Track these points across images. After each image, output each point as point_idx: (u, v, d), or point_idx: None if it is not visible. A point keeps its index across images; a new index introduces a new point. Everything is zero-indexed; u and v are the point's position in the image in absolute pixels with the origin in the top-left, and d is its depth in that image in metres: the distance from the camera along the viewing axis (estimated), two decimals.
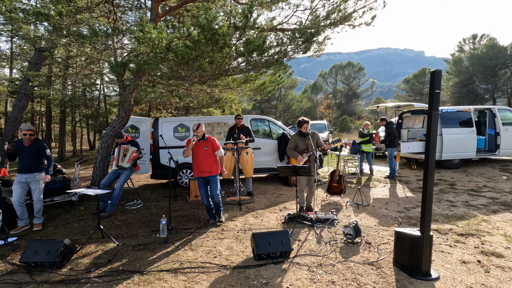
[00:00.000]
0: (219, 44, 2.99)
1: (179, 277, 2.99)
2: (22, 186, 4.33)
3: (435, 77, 2.68)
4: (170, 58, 3.02)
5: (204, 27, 2.83)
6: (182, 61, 3.02)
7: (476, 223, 4.25)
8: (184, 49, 2.89)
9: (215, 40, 2.88)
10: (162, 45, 2.94)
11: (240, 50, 3.32)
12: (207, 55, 3.10)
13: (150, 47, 2.92)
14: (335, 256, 3.33)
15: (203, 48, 2.98)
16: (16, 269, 3.25)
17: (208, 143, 4.46)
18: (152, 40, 2.82)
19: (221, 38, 2.86)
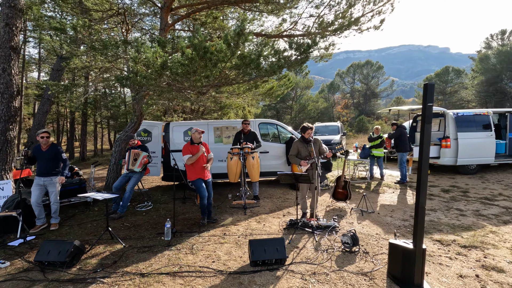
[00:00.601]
0: (212, 61, 3.12)
1: (177, 280, 3.14)
2: (40, 188, 4.67)
3: (428, 91, 2.66)
4: (166, 74, 3.19)
5: (196, 46, 2.96)
6: (178, 77, 3.17)
7: (483, 234, 4.12)
8: (179, 66, 3.04)
9: (208, 57, 3.01)
10: (157, 63, 3.11)
11: (236, 64, 3.43)
12: (202, 71, 3.24)
13: (146, 66, 3.10)
14: (330, 265, 3.36)
15: (197, 64, 3.12)
16: (31, 267, 3.52)
17: (206, 147, 4.70)
18: (147, 59, 3.00)
19: (214, 55, 2.99)
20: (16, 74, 5.86)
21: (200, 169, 4.78)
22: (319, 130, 14.76)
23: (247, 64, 3.38)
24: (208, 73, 3.33)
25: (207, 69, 3.20)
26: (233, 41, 3.09)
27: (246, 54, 3.37)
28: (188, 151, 4.71)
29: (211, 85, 3.89)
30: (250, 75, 3.90)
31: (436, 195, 6.34)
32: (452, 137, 8.08)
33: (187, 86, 3.77)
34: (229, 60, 3.25)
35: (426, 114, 2.69)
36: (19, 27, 5.75)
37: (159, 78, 3.31)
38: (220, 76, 3.58)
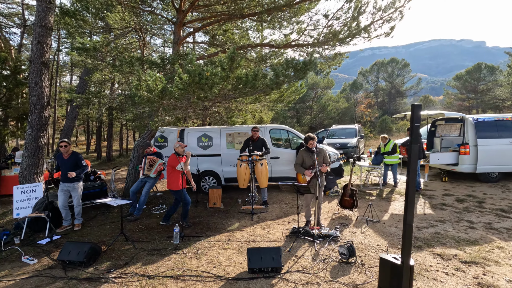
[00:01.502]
0: (208, 84, 3.35)
1: (179, 283, 3.42)
2: (65, 193, 5.16)
3: (415, 111, 2.71)
4: (166, 98, 3.46)
5: (190, 73, 3.20)
6: (177, 100, 3.43)
7: (488, 249, 4.04)
8: (177, 91, 3.30)
9: (203, 82, 3.23)
10: (157, 89, 3.38)
11: (232, 85, 3.63)
12: (200, 92, 3.47)
13: (148, 91, 3.38)
14: (324, 275, 3.49)
15: (194, 88, 3.36)
16: (55, 264, 3.96)
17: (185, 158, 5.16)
18: (148, 86, 3.28)
19: (210, 79, 3.20)
20: (47, 87, 6.45)
21: (179, 180, 5.20)
22: (336, 132, 14.64)
23: (243, 85, 3.57)
24: (207, 95, 3.57)
25: (203, 92, 3.44)
26: (226, 66, 3.30)
27: (242, 76, 3.57)
28: (177, 162, 5.13)
29: (212, 103, 4.14)
30: (247, 94, 4.09)
31: (449, 204, 6.18)
32: (471, 143, 7.78)
33: (188, 105, 4.04)
34: (224, 83, 3.46)
35: (413, 134, 2.74)
36: (49, 44, 6.32)
37: (161, 100, 3.60)
38: (219, 95, 3.81)
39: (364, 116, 42.99)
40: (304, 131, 30.39)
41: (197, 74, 3.17)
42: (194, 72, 3.21)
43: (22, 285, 3.49)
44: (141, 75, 3.35)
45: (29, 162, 6.30)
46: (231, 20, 5.50)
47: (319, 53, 5.79)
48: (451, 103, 40.82)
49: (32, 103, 6.30)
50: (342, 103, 34.31)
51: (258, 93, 4.47)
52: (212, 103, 4.26)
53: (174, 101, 3.77)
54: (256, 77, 3.66)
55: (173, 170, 5.18)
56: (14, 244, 4.66)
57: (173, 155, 5.21)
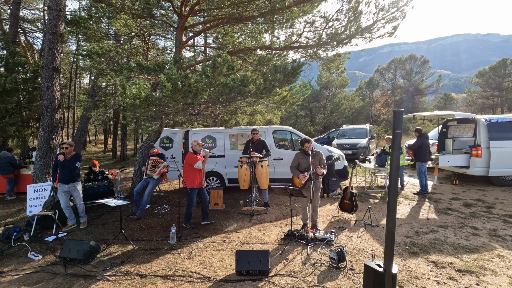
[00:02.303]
0: (192, 92, 3.42)
1: (168, 283, 3.53)
2: (66, 194, 5.39)
3: (396, 117, 2.67)
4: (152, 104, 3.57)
5: (172, 81, 3.28)
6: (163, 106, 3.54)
7: (487, 258, 3.89)
8: (160, 99, 3.40)
9: (186, 90, 3.31)
10: (142, 97, 3.49)
11: (218, 91, 3.68)
12: (185, 100, 3.55)
13: (133, 99, 3.51)
14: (311, 280, 3.49)
15: (176, 96, 3.44)
16: (57, 261, 4.18)
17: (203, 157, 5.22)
18: (133, 94, 3.40)
19: (194, 87, 3.27)
20: (58, 91, 6.77)
21: (200, 178, 5.34)
22: (346, 133, 14.42)
23: (229, 91, 3.61)
24: (193, 101, 3.65)
25: (189, 98, 3.52)
26: (210, 73, 3.35)
27: (227, 82, 3.61)
28: (196, 159, 5.24)
29: (203, 107, 4.23)
30: (235, 99, 4.13)
31: (455, 209, 5.98)
32: (483, 145, 7.46)
33: (175, 111, 4.15)
34: (209, 89, 3.51)
35: (395, 141, 2.70)
36: (60, 50, 6.63)
37: (148, 107, 3.72)
38: (207, 101, 3.87)
39: (381, 115, 41.96)
40: (318, 130, 30.06)
41: (179, 82, 3.25)
42: (175, 80, 3.29)
43: (25, 280, 3.72)
44: (125, 83, 3.48)
45: (42, 162, 6.64)
46: (230, 24, 5.56)
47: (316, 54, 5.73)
48: (474, 101, 39.12)
49: (44, 106, 6.64)
50: (356, 102, 33.66)
51: (249, 97, 4.51)
52: (204, 107, 4.34)
53: (162, 108, 3.89)
54: (243, 83, 3.69)
55: (190, 168, 5.27)
56: (23, 240, 4.95)
57: (190, 153, 5.31)
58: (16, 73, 10.46)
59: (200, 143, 5.23)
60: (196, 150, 5.34)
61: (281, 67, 3.87)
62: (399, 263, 3.82)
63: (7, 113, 10.27)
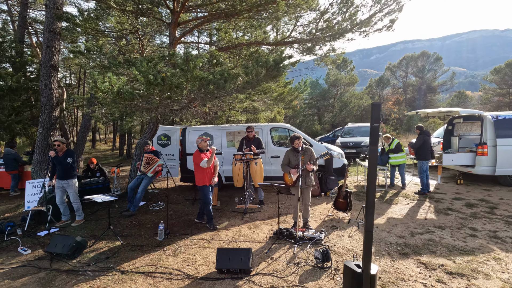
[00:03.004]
0: (166, 85, 3.35)
1: (148, 280, 3.50)
2: (61, 190, 5.45)
3: (374, 110, 2.53)
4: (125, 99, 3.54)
5: (143, 74, 3.22)
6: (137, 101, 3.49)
7: (482, 261, 3.69)
8: (131, 92, 3.35)
9: (159, 83, 3.25)
10: (114, 91, 3.46)
11: (195, 85, 3.60)
12: (161, 94, 3.49)
13: (104, 93, 3.48)
14: (292, 279, 3.39)
15: (151, 90, 3.38)
16: (45, 256, 4.22)
17: (210, 154, 5.02)
18: (105, 88, 3.37)
19: (168, 79, 3.21)
20: (56, 88, 6.86)
21: (209, 175, 5.09)
22: (351, 131, 14.14)
23: (207, 85, 3.53)
24: (170, 95, 3.59)
25: (163, 92, 3.46)
26: (183, 66, 3.28)
27: (204, 75, 3.52)
28: (202, 157, 4.96)
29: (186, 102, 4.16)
30: (217, 94, 4.03)
31: (455, 209, 5.73)
32: (490, 143, 7.15)
33: (155, 106, 4.10)
34: (185, 83, 3.44)
35: (373, 135, 2.56)
36: (57, 48, 6.72)
37: (122, 101, 3.69)
38: (188, 96, 3.80)
39: (392, 114, 41.11)
40: (325, 129, 29.68)
41: (150, 76, 3.19)
42: (145, 73, 3.24)
43: (10, 273, 3.76)
44: (96, 77, 3.46)
45: (40, 158, 6.75)
46: (222, 19, 5.49)
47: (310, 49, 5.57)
48: (489, 98, 37.77)
49: (42, 104, 6.75)
50: (366, 100, 33.04)
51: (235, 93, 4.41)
52: (188, 102, 4.27)
53: (139, 102, 3.85)
54: (222, 77, 3.59)
55: (197, 167, 5.03)
56: (17, 235, 5.03)
57: (196, 152, 5.04)
58: (22, 72, 10.68)
59: (205, 138, 4.95)
60: (201, 147, 5.03)
61: (262, 60, 3.77)
62: (387, 264, 3.67)
63: (14, 111, 10.52)
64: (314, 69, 24.64)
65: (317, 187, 7.26)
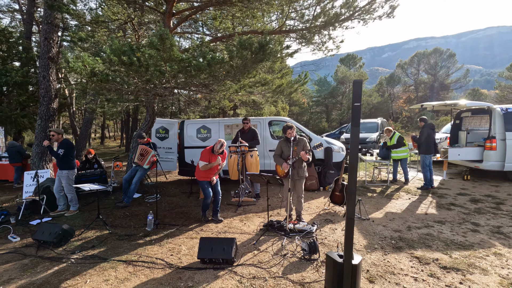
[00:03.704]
0: (143, 66, 3.25)
1: (128, 268, 3.42)
2: (59, 179, 5.47)
3: (355, 88, 2.37)
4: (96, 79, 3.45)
5: (115, 52, 3.13)
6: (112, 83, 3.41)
7: (481, 255, 3.45)
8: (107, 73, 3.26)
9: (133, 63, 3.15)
10: (87, 71, 3.37)
11: (174, 67, 3.48)
12: (137, 75, 3.38)
13: (77, 74, 3.42)
14: (276, 271, 3.25)
15: (126, 70, 3.29)
16: (33, 243, 4.21)
17: (223, 158, 4.86)
18: (77, 68, 3.28)
19: (143, 61, 3.10)
20: (54, 80, 6.90)
21: (210, 174, 4.91)
22: None
23: (186, 67, 3.41)
24: (148, 78, 3.48)
25: (139, 74, 3.35)
26: (159, 46, 3.17)
27: (184, 58, 3.40)
28: (207, 158, 4.78)
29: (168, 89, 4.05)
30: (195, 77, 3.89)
31: (458, 205, 5.46)
32: (499, 137, 6.80)
33: (134, 90, 4.01)
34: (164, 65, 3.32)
35: (354, 114, 2.40)
36: (56, 40, 6.75)
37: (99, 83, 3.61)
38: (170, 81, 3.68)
39: (403, 112, 40.20)
40: (332, 127, 29.25)
41: (124, 57, 3.09)
42: (116, 51, 3.14)
43: None
44: (67, 57, 3.39)
45: (38, 150, 6.82)
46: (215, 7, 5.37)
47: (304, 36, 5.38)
48: (505, 96, 36.43)
49: (40, 95, 6.80)
50: (375, 98, 32.44)
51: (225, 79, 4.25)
52: (172, 88, 4.16)
53: (117, 85, 3.76)
54: (205, 59, 3.45)
55: None
56: (10, 223, 5.06)
57: (207, 149, 4.86)
58: (28, 67, 10.86)
59: (224, 144, 4.73)
60: (216, 149, 4.79)
61: (246, 42, 3.61)
62: (378, 258, 3.48)
63: (19, 106, 10.70)
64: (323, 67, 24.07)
65: (315, 181, 7.08)
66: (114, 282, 3.12)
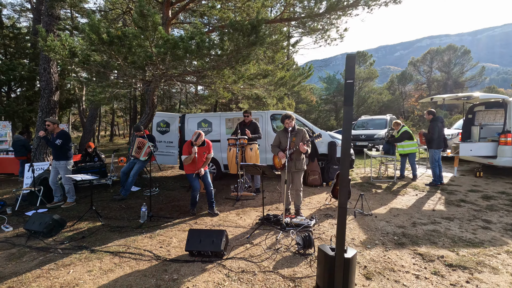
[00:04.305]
0: (124, 46, 3.10)
1: (114, 259, 3.30)
2: (54, 170, 5.41)
3: (348, 64, 2.15)
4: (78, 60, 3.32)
5: (93, 29, 2.98)
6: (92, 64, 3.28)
7: (492, 254, 3.17)
8: (87, 53, 3.13)
9: (115, 42, 3.00)
10: (65, 52, 3.24)
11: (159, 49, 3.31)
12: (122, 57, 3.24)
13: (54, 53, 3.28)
14: (267, 265, 3.06)
15: (105, 49, 3.14)
16: (24, 233, 4.15)
17: (206, 148, 4.72)
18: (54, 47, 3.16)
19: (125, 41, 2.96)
20: (55, 73, 6.88)
21: (195, 167, 4.80)
22: (365, 124, 13.46)
23: (172, 48, 3.22)
24: (134, 59, 3.33)
25: (121, 54, 3.20)
26: (141, 23, 3.01)
27: (169, 37, 3.23)
28: (187, 151, 4.71)
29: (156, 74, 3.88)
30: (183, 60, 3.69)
31: (469, 201, 5.13)
32: None
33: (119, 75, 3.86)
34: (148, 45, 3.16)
35: (346, 92, 2.18)
36: (56, 33, 6.72)
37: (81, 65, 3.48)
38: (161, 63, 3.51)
39: (415, 111, 39.21)
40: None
41: (104, 35, 2.93)
42: (94, 27, 2.98)
43: None
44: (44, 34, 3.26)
45: (39, 142, 6.82)
46: None
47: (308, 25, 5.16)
48: None
49: (41, 88, 6.80)
50: (385, 95, 31.73)
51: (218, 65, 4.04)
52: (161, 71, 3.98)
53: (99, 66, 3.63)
54: (193, 40, 3.27)
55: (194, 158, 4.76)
56: (6, 213, 5.03)
57: (187, 142, 4.78)
58: (35, 62, 10.97)
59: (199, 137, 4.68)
60: (193, 141, 4.69)
61: (237, 24, 3.40)
62: (378, 254, 3.25)
63: (26, 100, 10.83)
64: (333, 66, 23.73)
65: (318, 176, 6.85)
66: (97, 273, 3.00)
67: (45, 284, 2.81)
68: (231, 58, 3.79)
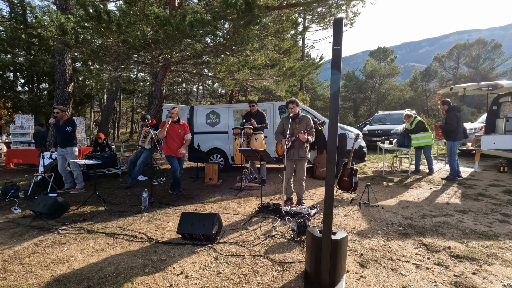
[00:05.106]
0: (114, 23, 3.05)
1: (108, 240, 3.31)
2: (62, 157, 5.56)
3: (335, 28, 1.99)
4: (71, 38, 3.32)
5: (81, 4, 2.96)
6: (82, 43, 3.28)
7: (506, 247, 2.88)
8: (79, 30, 3.12)
9: (104, 19, 2.96)
10: (54, 29, 3.25)
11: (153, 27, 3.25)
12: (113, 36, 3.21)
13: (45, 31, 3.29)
14: (258, 250, 2.95)
15: (95, 26, 3.11)
16: (31, 214, 4.28)
17: (181, 127, 4.82)
18: (43, 23, 3.18)
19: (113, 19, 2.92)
20: (69, 65, 7.10)
21: (171, 145, 5.20)
22: (383, 119, 12.95)
23: (163, 26, 3.15)
24: (125, 38, 3.29)
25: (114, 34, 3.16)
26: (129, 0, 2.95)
27: (160, 13, 3.14)
28: (162, 126, 5.17)
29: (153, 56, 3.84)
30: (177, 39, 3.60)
31: (489, 195, 4.75)
32: None
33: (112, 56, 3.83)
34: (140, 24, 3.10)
35: (334, 61, 2.03)
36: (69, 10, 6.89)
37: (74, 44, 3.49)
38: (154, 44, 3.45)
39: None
40: (359, 123, 27.97)
41: (92, 10, 2.89)
42: (80, 1, 2.95)
43: None
44: (33, 8, 3.31)
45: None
46: None
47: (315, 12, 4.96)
48: None
49: (56, 79, 7.03)
50: (407, 92, 30.44)
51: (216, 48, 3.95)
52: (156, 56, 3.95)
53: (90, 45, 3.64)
54: (185, 19, 3.17)
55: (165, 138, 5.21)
56: (18, 197, 5.24)
57: (163, 121, 5.25)
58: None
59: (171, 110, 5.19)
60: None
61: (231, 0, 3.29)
62: (379, 243, 3.04)
63: (48, 94, 11.32)
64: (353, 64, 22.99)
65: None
66: (89, 252, 3.02)
67: (37, 260, 2.85)
68: (228, 40, 3.70)
